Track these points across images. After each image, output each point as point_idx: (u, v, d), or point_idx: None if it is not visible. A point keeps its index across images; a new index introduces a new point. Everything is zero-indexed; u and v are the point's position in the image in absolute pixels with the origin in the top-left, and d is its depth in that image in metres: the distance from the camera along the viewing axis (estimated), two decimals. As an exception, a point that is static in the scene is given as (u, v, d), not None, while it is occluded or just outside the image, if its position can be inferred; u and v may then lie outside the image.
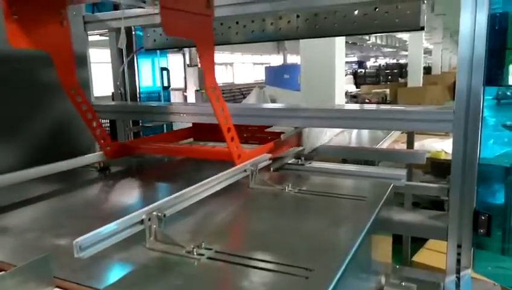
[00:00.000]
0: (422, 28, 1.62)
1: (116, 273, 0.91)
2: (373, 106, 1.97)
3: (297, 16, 1.82)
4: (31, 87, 1.78)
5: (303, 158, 1.74)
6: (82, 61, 1.94)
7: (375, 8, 1.64)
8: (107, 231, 0.89)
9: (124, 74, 2.31)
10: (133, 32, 2.32)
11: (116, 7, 2.20)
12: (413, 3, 1.59)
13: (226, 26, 1.96)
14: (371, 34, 6.25)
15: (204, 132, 2.04)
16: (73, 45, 1.48)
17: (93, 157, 1.69)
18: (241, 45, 2.08)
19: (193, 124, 2.10)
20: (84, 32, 2.01)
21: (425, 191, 1.64)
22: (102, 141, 1.68)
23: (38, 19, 1.36)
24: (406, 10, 1.59)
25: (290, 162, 1.74)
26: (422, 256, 2.54)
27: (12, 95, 1.71)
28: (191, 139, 2.12)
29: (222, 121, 1.38)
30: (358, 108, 1.86)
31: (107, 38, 2.38)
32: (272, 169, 1.61)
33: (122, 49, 2.28)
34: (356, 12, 1.68)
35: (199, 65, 6.61)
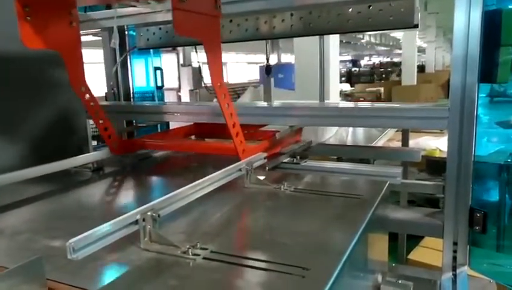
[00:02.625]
0: (416, 26, 1.62)
1: (110, 274, 0.90)
2: (368, 104, 1.97)
3: (291, 15, 1.82)
4: (26, 85, 1.76)
5: (298, 157, 1.74)
6: (75, 61, 1.92)
7: (369, 6, 1.64)
8: (100, 232, 0.88)
9: (117, 74, 2.29)
10: (126, 32, 2.30)
11: (108, 6, 2.18)
12: (406, 1, 1.59)
13: (220, 25, 1.95)
14: (365, 32, 6.27)
15: (206, 129, 2.06)
16: None
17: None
18: (235, 44, 2.07)
19: (195, 124, 2.09)
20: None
21: (420, 189, 1.64)
22: (108, 138, 1.71)
23: (50, 20, 1.39)
24: (400, 8, 1.59)
25: (285, 161, 1.74)
26: (417, 254, 2.55)
27: (8, 94, 1.68)
28: (193, 137, 2.14)
29: (227, 117, 1.43)
30: (353, 106, 1.86)
31: (99, 38, 2.36)
32: (267, 168, 1.60)
33: (115, 49, 2.26)
34: (350, 10, 1.68)
35: (193, 65, 6.59)
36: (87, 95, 1.61)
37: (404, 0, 1.58)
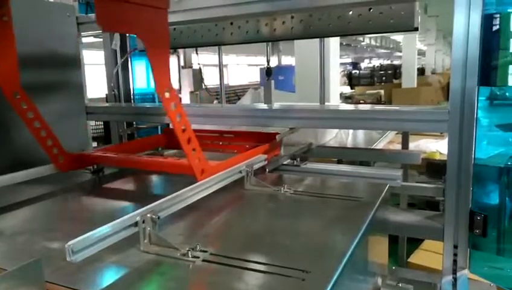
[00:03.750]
0: (416, 29, 1.62)
1: (109, 276, 0.89)
2: (368, 106, 1.97)
3: (292, 17, 1.82)
4: (26, 87, 1.75)
5: (298, 159, 1.74)
6: (75, 63, 1.92)
7: (370, 9, 1.64)
8: (100, 234, 0.88)
9: (118, 76, 2.29)
10: (127, 34, 2.31)
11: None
12: (407, 4, 1.59)
13: (221, 27, 1.96)
14: (366, 34, 6.29)
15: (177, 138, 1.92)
16: (66, 47, 1.46)
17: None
18: (235, 46, 2.08)
19: (165, 130, 1.98)
20: (78, 33, 1.99)
21: (421, 191, 1.64)
22: (54, 153, 1.49)
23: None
24: (400, 11, 1.60)
25: (285, 163, 1.74)
26: (418, 257, 2.54)
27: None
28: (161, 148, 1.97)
29: (179, 130, 1.18)
30: (354, 108, 1.86)
31: (101, 40, 2.36)
32: (267, 170, 1.60)
33: (116, 50, 2.27)
34: (351, 13, 1.69)
35: (194, 66, 6.60)
36: (24, 104, 1.38)
37: (405, 3, 1.59)
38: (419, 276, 1.59)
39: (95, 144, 2.44)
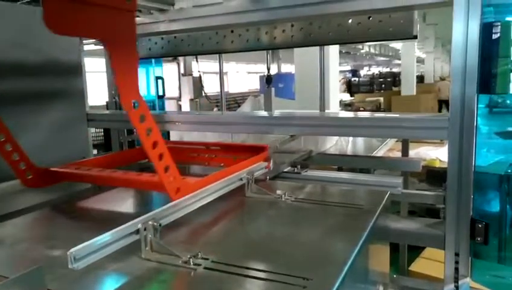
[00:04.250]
0: (415, 37, 1.64)
1: (110, 284, 0.89)
2: (368, 114, 1.98)
3: (292, 25, 1.84)
4: (29, 95, 1.76)
5: (299, 166, 1.74)
6: (77, 71, 1.93)
7: (369, 17, 1.66)
8: (101, 242, 0.88)
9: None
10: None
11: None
12: (406, 13, 1.61)
13: (221, 35, 1.97)
14: (365, 42, 6.34)
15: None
16: (68, 54, 1.46)
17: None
18: (235, 53, 2.09)
19: None
20: (80, 41, 2.00)
21: (421, 199, 1.64)
22: (20, 168, 1.36)
23: None
24: (399, 19, 1.61)
25: (286, 170, 1.74)
26: (419, 265, 2.53)
27: (12, 103, 1.68)
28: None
29: (148, 146, 1.05)
30: (354, 116, 1.87)
31: (101, 47, 2.37)
32: (268, 177, 1.60)
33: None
34: (350, 21, 1.70)
35: (194, 74, 6.64)
36: None
37: (403, 12, 1.60)
38: (421, 284, 1.59)
39: (95, 152, 2.44)
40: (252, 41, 1.94)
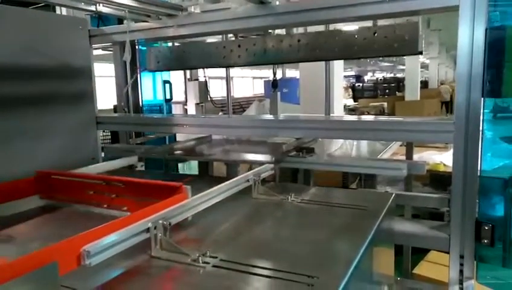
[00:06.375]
0: (420, 53, 1.64)
1: (121, 282, 0.91)
2: (373, 117, 2.00)
3: (299, 40, 1.86)
4: (43, 99, 1.79)
5: (304, 151, 1.75)
6: (87, 74, 1.97)
7: (374, 33, 1.68)
8: (113, 239, 0.90)
9: (128, 89, 2.34)
10: (137, 47, 2.36)
11: (120, 21, 2.25)
12: (411, 29, 1.61)
13: (229, 50, 2.01)
14: (371, 58, 6.36)
15: (54, 187, 1.44)
16: (78, 59, 1.46)
17: None
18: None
19: (38, 175, 1.46)
20: (89, 45, 2.04)
21: (425, 201, 1.65)
22: None
23: None
24: (405, 35, 1.61)
25: (291, 154, 1.75)
26: (423, 268, 2.53)
27: (26, 108, 1.71)
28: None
29: None
30: (359, 119, 1.89)
31: (107, 52, 2.42)
32: (273, 160, 1.60)
33: (125, 63, 2.31)
34: (356, 36, 1.72)
35: (199, 79, 6.69)
36: None
37: (408, 27, 1.62)
38: (425, 287, 1.59)
39: (102, 154, 2.47)
40: (259, 55, 1.96)
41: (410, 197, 1.66)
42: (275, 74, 3.61)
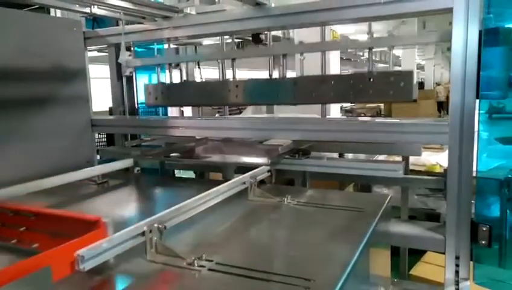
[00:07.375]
0: (414, 101, 1.67)
1: (116, 285, 0.91)
2: (370, 119, 2.00)
3: (295, 83, 1.90)
4: (37, 101, 1.77)
5: (300, 153, 1.75)
6: (82, 76, 1.96)
7: (369, 79, 1.70)
8: (108, 243, 0.89)
9: (123, 90, 2.32)
10: (132, 48, 2.35)
11: (115, 23, 2.23)
12: (406, 77, 1.63)
13: (227, 90, 2.02)
14: (366, 103, 6.52)
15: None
16: (73, 60, 1.45)
17: None
18: (238, 60, 2.11)
19: None
20: (84, 47, 2.03)
21: (422, 183, 1.75)
22: None
23: None
24: (399, 83, 1.63)
25: (287, 157, 1.75)
26: (419, 269, 2.53)
27: (21, 109, 1.70)
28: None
29: None
30: (356, 120, 1.89)
31: (103, 54, 2.40)
32: (269, 162, 1.60)
33: (120, 64, 2.30)
34: (352, 82, 1.74)
35: (196, 80, 6.66)
36: None
37: (404, 75, 1.64)
38: (422, 288, 1.59)
39: (98, 157, 2.45)
40: (256, 97, 2.00)
41: (407, 179, 1.74)
42: (270, 76, 3.60)
